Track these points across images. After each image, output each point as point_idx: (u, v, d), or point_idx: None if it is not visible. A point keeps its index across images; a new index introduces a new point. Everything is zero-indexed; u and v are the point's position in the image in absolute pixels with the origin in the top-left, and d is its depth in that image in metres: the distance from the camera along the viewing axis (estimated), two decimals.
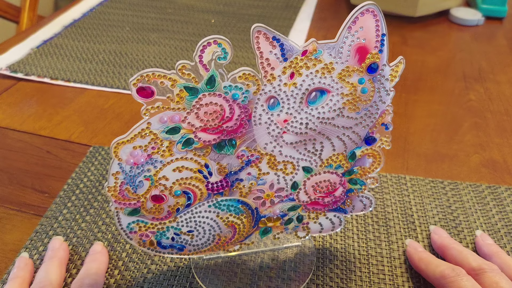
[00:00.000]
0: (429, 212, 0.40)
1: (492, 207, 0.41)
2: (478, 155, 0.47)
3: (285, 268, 0.35)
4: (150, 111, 0.25)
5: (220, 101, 0.25)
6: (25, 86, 0.57)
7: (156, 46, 0.67)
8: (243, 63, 0.63)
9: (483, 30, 0.75)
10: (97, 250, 0.35)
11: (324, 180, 0.30)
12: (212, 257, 0.35)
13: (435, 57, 0.66)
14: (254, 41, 0.24)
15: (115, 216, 0.28)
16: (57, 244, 0.35)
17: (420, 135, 0.50)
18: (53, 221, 0.38)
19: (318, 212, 0.32)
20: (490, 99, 0.57)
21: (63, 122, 0.51)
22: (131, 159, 0.26)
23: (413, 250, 0.35)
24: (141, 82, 0.24)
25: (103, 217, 0.39)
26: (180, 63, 0.24)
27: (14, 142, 0.48)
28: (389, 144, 0.30)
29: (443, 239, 0.36)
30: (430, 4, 0.74)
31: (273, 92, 0.25)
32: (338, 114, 0.27)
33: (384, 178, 0.44)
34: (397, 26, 0.74)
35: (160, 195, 0.28)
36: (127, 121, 0.51)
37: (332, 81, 0.26)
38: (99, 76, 0.59)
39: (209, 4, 0.81)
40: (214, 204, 0.29)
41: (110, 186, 0.27)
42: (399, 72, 0.27)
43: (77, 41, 0.67)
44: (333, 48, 0.25)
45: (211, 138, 0.26)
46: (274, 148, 0.27)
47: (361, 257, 0.36)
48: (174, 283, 0.34)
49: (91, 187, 0.42)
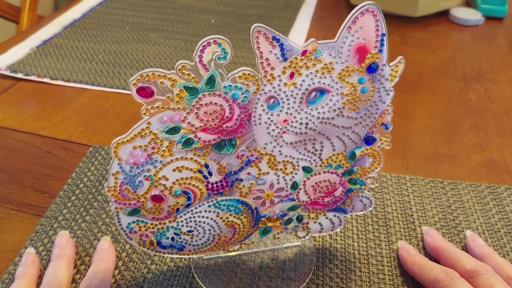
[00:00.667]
0: (429, 212, 0.40)
1: (492, 207, 0.41)
2: (478, 155, 0.47)
3: (285, 268, 0.35)
4: (150, 111, 0.25)
5: (220, 101, 0.25)
6: (25, 86, 0.57)
7: (156, 46, 0.67)
8: (243, 63, 0.63)
9: (483, 30, 0.75)
10: (105, 248, 0.35)
11: (324, 180, 0.30)
12: (212, 257, 0.35)
13: (435, 57, 0.66)
14: (254, 41, 0.24)
15: (115, 216, 0.28)
16: (64, 241, 0.35)
17: (420, 135, 0.50)
18: (53, 221, 0.38)
19: (318, 212, 0.32)
20: (490, 99, 0.57)
21: (63, 122, 0.51)
22: (131, 159, 0.26)
23: (405, 253, 0.35)
24: (141, 82, 0.24)
25: (103, 217, 0.39)
26: (180, 63, 0.24)
27: (14, 142, 0.48)
28: (389, 144, 0.30)
29: (436, 241, 0.35)
30: (430, 4, 0.74)
31: (273, 92, 0.25)
32: (338, 114, 0.27)
33: (384, 178, 0.44)
34: (397, 26, 0.74)
35: (160, 195, 0.28)
36: (127, 121, 0.51)
37: (332, 81, 0.26)
38: (99, 76, 0.59)
39: (209, 4, 0.81)
40: (214, 204, 0.29)
41: (110, 186, 0.27)
42: (399, 72, 0.27)
43: (77, 41, 0.67)
44: (333, 48, 0.25)
45: (211, 138, 0.26)
46: (274, 148, 0.27)
47: (361, 257, 0.36)
48: (174, 283, 0.34)
49: (91, 187, 0.42)
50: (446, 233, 0.38)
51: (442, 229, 0.38)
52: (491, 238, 0.38)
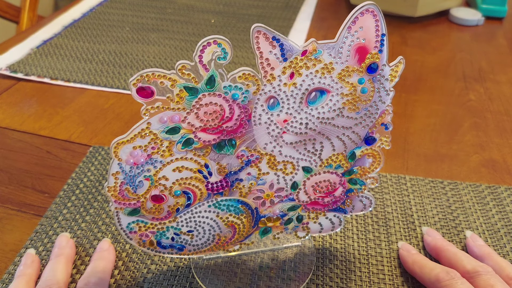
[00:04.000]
0: (429, 212, 0.40)
1: (492, 207, 0.41)
2: (478, 155, 0.47)
3: (285, 268, 0.35)
4: (150, 111, 0.25)
5: (220, 101, 0.25)
6: (25, 86, 0.57)
7: (156, 46, 0.67)
8: (243, 63, 0.63)
9: (483, 30, 0.75)
10: (104, 248, 0.35)
11: (324, 180, 0.30)
12: (212, 257, 0.35)
13: (435, 57, 0.66)
14: (254, 41, 0.24)
15: (115, 216, 0.28)
16: (63, 241, 0.35)
17: (420, 135, 0.50)
18: (53, 221, 0.38)
19: (318, 212, 0.32)
20: (490, 99, 0.57)
21: (63, 122, 0.51)
22: (131, 159, 0.26)
23: (406, 252, 0.35)
24: (141, 82, 0.24)
25: (103, 217, 0.39)
26: (180, 63, 0.24)
27: (14, 142, 0.48)
28: (389, 144, 0.30)
29: (437, 241, 0.36)
30: (430, 4, 0.74)
31: (273, 92, 0.25)
32: (338, 114, 0.27)
33: (384, 178, 0.44)
34: (397, 26, 0.74)
35: (160, 195, 0.28)
36: (127, 121, 0.51)
37: (332, 81, 0.26)
38: (99, 76, 0.59)
39: (209, 4, 0.81)
40: (214, 204, 0.29)
41: (110, 186, 0.27)
42: (399, 72, 0.27)
43: (77, 41, 0.67)
44: (333, 48, 0.25)
45: (211, 138, 0.26)
46: (274, 148, 0.27)
47: (361, 257, 0.36)
48: (174, 283, 0.34)
49: (91, 187, 0.42)
50: (446, 233, 0.38)
51: (442, 229, 0.38)
52: (491, 238, 0.38)
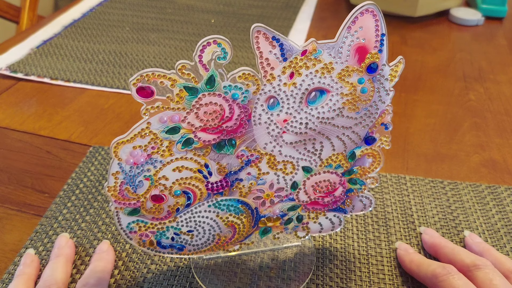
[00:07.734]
0: (429, 212, 0.40)
1: (492, 207, 0.41)
2: (478, 155, 0.47)
3: (285, 268, 0.35)
4: (150, 111, 0.25)
5: (219, 101, 0.25)
6: (25, 86, 0.57)
7: (156, 46, 0.67)
8: (243, 63, 0.63)
9: (483, 30, 0.75)
10: (104, 249, 0.35)
11: (324, 180, 0.30)
12: (212, 257, 0.35)
13: (435, 57, 0.66)
14: (253, 41, 0.24)
15: (115, 216, 0.28)
16: (63, 242, 0.35)
17: (420, 135, 0.50)
18: (53, 221, 0.38)
19: (318, 212, 0.32)
20: (490, 99, 0.57)
21: (63, 122, 0.51)
22: (131, 159, 0.26)
23: (403, 252, 0.35)
24: (141, 82, 0.24)
25: (103, 217, 0.39)
26: (180, 63, 0.24)
27: (14, 142, 0.48)
28: (389, 144, 0.30)
29: (434, 239, 0.36)
30: (430, 4, 0.74)
31: (273, 92, 0.25)
32: (338, 114, 0.27)
33: (384, 178, 0.44)
34: (397, 26, 0.74)
35: (160, 195, 0.28)
36: (127, 121, 0.51)
37: (332, 81, 0.26)
38: (99, 76, 0.59)
39: (209, 4, 0.81)
40: (214, 204, 0.29)
41: (110, 186, 0.27)
42: (398, 72, 0.27)
43: (77, 41, 0.67)
44: (332, 48, 0.25)
45: (211, 138, 0.26)
46: (274, 148, 0.28)
47: (361, 257, 0.36)
48: (174, 283, 0.34)
49: (91, 187, 0.42)
50: (446, 233, 0.38)
51: (442, 229, 0.38)
52: (491, 238, 0.38)
